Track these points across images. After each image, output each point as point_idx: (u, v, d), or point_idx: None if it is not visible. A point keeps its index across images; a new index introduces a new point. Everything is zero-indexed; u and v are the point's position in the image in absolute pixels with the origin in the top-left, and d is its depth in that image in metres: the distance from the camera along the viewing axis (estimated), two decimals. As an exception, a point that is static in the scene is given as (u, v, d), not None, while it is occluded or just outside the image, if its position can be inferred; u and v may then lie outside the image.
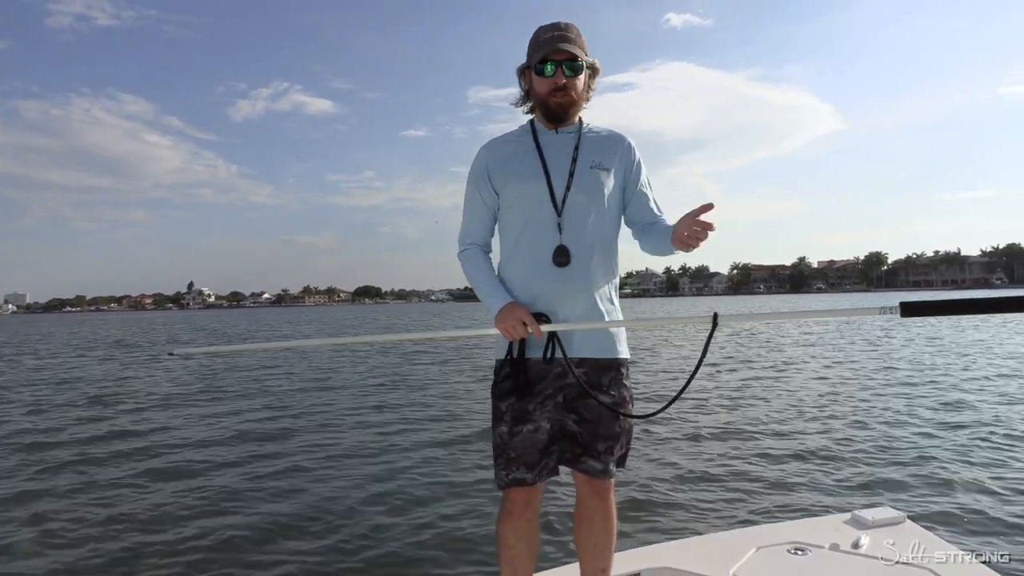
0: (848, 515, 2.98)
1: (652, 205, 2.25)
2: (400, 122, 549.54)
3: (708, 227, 1.89)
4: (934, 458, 5.76)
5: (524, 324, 1.99)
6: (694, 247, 1.94)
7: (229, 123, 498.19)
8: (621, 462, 2.16)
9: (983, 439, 6.42)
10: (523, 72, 2.16)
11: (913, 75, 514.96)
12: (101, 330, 44.61)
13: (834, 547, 2.67)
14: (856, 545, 2.67)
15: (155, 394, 11.43)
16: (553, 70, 2.05)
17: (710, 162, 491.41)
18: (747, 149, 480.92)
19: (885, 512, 2.94)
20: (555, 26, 2.07)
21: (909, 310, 1.77)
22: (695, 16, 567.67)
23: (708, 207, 1.90)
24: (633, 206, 2.24)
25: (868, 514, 2.91)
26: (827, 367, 12.62)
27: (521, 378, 2.06)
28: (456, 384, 11.68)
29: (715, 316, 1.92)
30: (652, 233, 2.18)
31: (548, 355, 2.05)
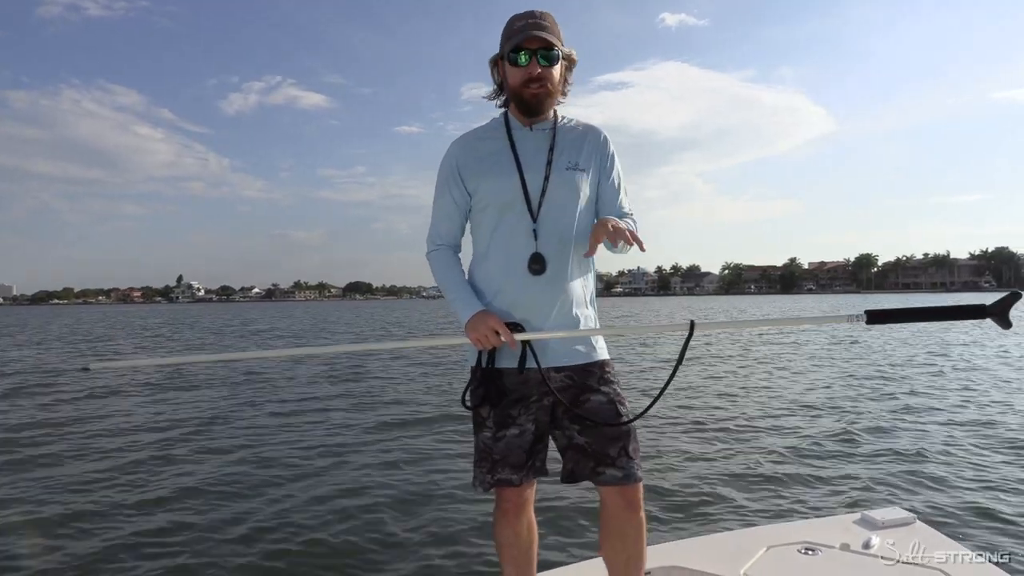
0: (858, 515, 2.97)
1: (619, 204, 2.15)
2: (393, 118, 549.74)
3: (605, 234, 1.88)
4: (944, 458, 5.75)
5: (497, 333, 1.92)
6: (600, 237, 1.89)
7: (221, 116, 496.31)
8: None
9: (994, 439, 6.43)
10: (496, 63, 2.05)
11: (904, 79, 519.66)
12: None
13: (844, 547, 2.66)
14: (866, 545, 2.65)
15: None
16: (527, 59, 1.94)
17: (703, 161, 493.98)
18: (740, 149, 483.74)
19: (895, 512, 2.92)
20: (529, 14, 1.96)
21: (875, 318, 1.83)
22: (690, 16, 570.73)
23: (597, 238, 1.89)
24: (600, 202, 2.15)
25: (878, 514, 2.90)
26: (834, 366, 12.64)
27: (492, 388, 1.99)
28: (437, 379, 11.64)
29: (691, 324, 1.91)
30: None
31: (522, 366, 1.98)
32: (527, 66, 1.95)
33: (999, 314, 1.74)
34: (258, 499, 5.00)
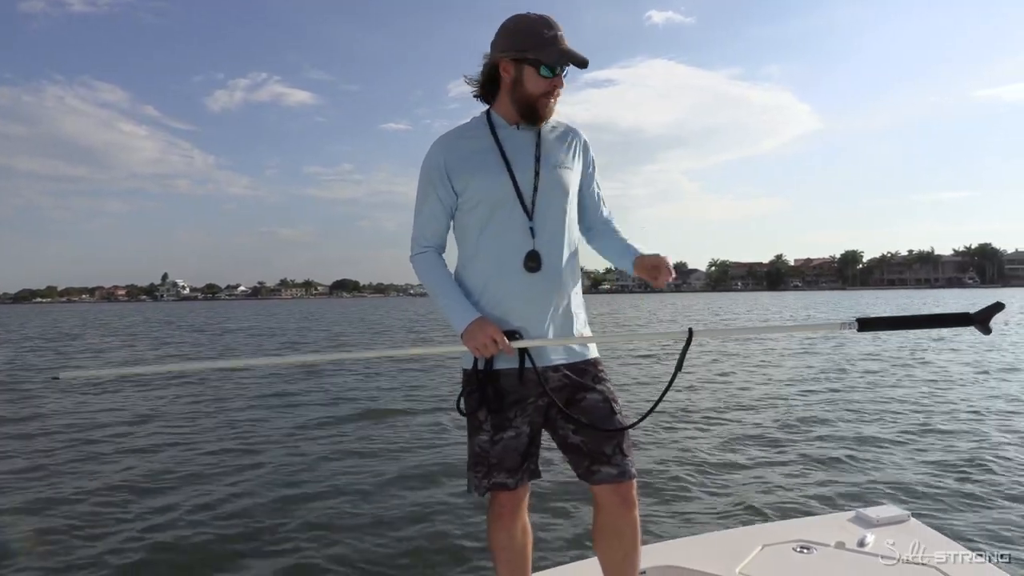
0: (853, 513, 2.95)
1: (601, 203, 2.24)
2: (379, 115, 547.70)
3: (668, 275, 2.03)
4: (938, 456, 5.77)
5: (495, 342, 1.90)
6: (656, 283, 2.05)
7: (206, 113, 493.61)
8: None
9: (987, 437, 6.46)
10: (501, 59, 1.97)
11: (889, 77, 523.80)
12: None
13: (839, 545, 2.65)
14: (861, 543, 2.64)
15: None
16: (556, 74, 1.95)
17: (689, 159, 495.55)
18: (726, 147, 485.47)
19: (890, 510, 2.92)
20: (553, 24, 1.93)
21: (866, 326, 1.91)
22: (677, 14, 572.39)
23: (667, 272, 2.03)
24: (583, 201, 2.20)
25: (873, 512, 2.89)
26: (825, 365, 12.67)
27: (489, 392, 1.97)
28: (423, 378, 11.59)
29: (690, 331, 1.95)
30: (607, 240, 2.22)
31: (521, 373, 1.97)
32: (554, 79, 1.96)
33: (982, 322, 1.85)
34: (244, 497, 4.95)
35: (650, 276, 2.05)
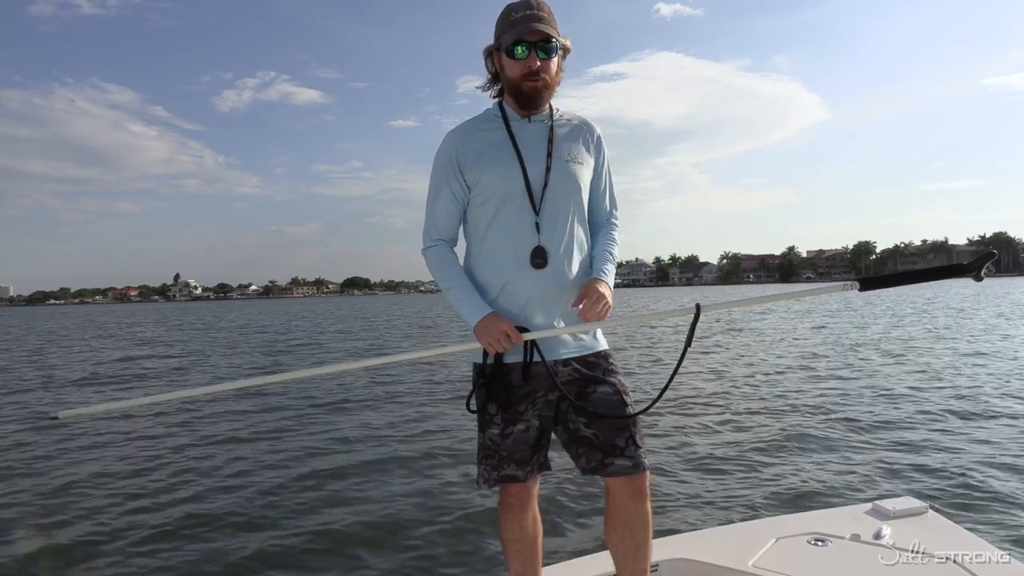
0: (869, 505, 2.91)
1: (606, 201, 2.18)
2: (387, 112, 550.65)
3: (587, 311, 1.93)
4: (956, 447, 5.71)
5: (507, 336, 1.89)
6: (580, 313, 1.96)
7: (215, 113, 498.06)
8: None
9: (1005, 427, 6.39)
10: (491, 53, 2.00)
11: (898, 67, 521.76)
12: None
13: (855, 538, 2.61)
14: (877, 536, 2.60)
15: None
16: (526, 52, 1.90)
17: (698, 152, 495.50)
18: (735, 139, 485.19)
19: (907, 502, 2.87)
20: (526, 3, 1.91)
21: (867, 284, 1.92)
22: (685, 6, 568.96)
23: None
24: (589, 197, 2.14)
25: (889, 504, 2.84)
26: (842, 353, 12.60)
27: (498, 386, 1.97)
28: (433, 373, 11.58)
29: (697, 307, 1.94)
30: (592, 246, 2.13)
31: (527, 366, 1.96)
32: (526, 59, 1.91)
33: (976, 270, 1.91)
34: (251, 490, 4.96)
35: (585, 308, 1.95)
